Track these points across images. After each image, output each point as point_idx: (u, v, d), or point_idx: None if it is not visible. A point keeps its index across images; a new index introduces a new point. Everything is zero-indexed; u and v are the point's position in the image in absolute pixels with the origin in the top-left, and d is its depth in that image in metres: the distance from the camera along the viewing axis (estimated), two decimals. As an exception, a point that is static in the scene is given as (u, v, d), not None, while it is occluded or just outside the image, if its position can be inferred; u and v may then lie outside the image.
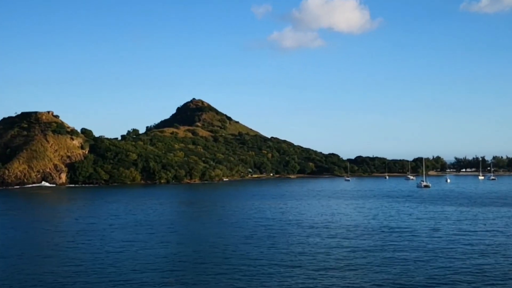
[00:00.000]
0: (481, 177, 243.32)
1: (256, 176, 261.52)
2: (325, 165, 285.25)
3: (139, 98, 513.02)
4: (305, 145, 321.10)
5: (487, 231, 61.89)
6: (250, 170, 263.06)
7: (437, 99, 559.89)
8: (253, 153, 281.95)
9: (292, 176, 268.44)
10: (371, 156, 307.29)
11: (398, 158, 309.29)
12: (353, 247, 51.45)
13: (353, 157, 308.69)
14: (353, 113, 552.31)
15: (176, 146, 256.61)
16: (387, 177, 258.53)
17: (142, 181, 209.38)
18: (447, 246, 51.26)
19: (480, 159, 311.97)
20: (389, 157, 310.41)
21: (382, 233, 61.07)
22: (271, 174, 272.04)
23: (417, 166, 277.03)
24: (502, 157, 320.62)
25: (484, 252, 47.66)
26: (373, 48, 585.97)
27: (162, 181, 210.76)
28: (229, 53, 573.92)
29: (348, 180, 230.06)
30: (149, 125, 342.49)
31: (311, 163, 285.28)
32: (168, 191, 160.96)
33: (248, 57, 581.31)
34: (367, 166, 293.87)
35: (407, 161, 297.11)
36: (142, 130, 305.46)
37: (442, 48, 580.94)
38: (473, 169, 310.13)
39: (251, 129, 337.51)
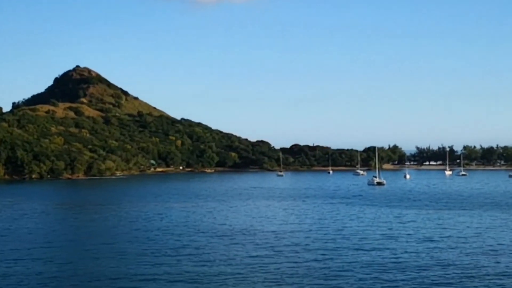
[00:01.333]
0: (448, 172, 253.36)
1: (161, 170, 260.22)
2: (251, 156, 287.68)
3: (1, 65, 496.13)
4: (226, 129, 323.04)
5: (458, 241, 64.63)
6: (153, 162, 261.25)
7: (394, 75, 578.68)
8: (157, 139, 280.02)
9: (209, 170, 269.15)
10: (311, 144, 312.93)
11: (346, 147, 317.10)
12: (282, 263, 52.27)
13: (288, 146, 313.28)
14: (288, 88, 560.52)
15: (53, 129, 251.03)
16: (330, 171, 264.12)
17: (7, 176, 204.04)
18: (399, 261, 53.09)
19: (448, 149, 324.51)
20: (334, 146, 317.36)
21: (318, 247, 62.36)
22: (181, 168, 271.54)
23: (369, 157, 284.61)
24: (474, 147, 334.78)
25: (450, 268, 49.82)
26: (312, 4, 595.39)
27: (33, 176, 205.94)
28: (125, 4, 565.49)
29: (281, 176, 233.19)
30: (16, 101, 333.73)
31: (233, 153, 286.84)
32: (42, 189, 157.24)
33: (151, 11, 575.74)
34: (305, 158, 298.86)
35: (357, 151, 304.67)
36: (6, 107, 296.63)
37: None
38: (439, 162, 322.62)
39: (154, 108, 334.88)
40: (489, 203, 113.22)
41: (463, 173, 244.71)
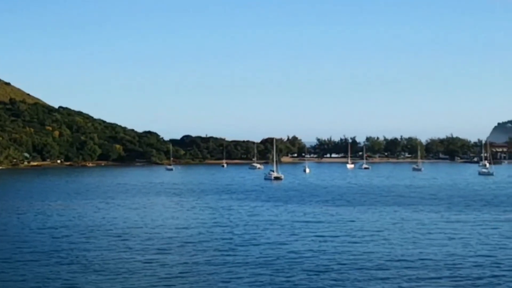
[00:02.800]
0: (350, 165, 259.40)
1: (36, 163, 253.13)
2: (138, 148, 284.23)
3: None
4: (110, 119, 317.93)
5: (352, 237, 65.79)
6: (26, 155, 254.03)
7: (293, 63, 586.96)
8: (32, 130, 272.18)
9: (90, 164, 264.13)
10: (204, 135, 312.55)
11: (242, 138, 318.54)
12: (171, 264, 51.57)
13: (178, 137, 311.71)
14: (177, 74, 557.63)
15: None
16: (225, 165, 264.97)
17: None
18: (296, 260, 53.46)
19: (350, 141, 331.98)
20: (230, 137, 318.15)
21: (210, 246, 62.04)
22: (59, 161, 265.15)
23: (267, 149, 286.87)
24: (378, 138, 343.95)
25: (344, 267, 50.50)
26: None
27: None
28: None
29: (171, 170, 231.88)
30: None
31: (118, 146, 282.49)
32: None
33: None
34: (198, 150, 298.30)
35: (253, 143, 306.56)
36: None
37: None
38: (341, 155, 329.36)
39: (29, 95, 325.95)
40: (392, 198, 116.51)
41: (366, 166, 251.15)
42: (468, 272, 48.84)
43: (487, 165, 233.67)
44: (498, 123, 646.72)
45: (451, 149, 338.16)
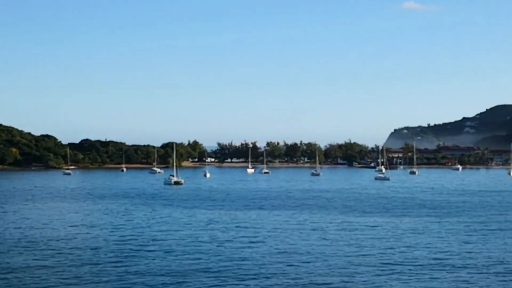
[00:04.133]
0: (250, 170, 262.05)
1: None
2: (35, 152, 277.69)
3: None
4: (6, 122, 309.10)
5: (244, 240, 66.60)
6: None
7: (193, 67, 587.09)
8: None
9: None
10: (103, 139, 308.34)
11: (142, 143, 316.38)
12: (62, 272, 50.91)
13: (77, 141, 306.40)
14: (77, 74, 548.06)
15: None
16: (124, 169, 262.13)
17: None
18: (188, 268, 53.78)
19: (251, 145, 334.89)
20: (130, 141, 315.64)
21: (106, 252, 61.61)
22: None
23: (168, 154, 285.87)
24: (278, 143, 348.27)
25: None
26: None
27: None
28: None
29: (69, 174, 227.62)
30: None
31: (14, 149, 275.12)
32: None
33: None
34: (97, 154, 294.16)
35: (154, 147, 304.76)
36: None
37: None
38: (242, 159, 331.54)
39: None
40: (290, 202, 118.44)
41: (266, 170, 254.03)
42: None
43: (383, 170, 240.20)
44: (395, 129, 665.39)
45: (349, 155, 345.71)
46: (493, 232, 75.06)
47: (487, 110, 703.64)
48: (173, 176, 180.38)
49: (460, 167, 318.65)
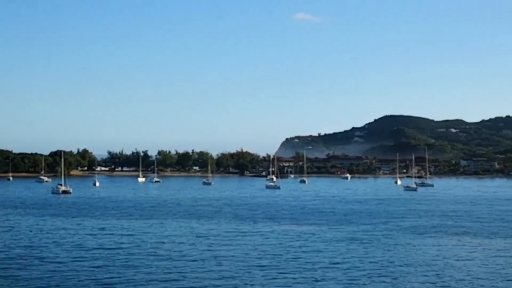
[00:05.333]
0: (141, 179, 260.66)
1: None
2: None
3: None
4: None
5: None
6: None
7: (85, 75, 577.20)
8: None
9: None
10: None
11: (30, 151, 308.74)
12: None
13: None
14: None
15: None
16: (10, 178, 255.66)
17: None
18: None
19: (142, 154, 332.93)
20: (17, 149, 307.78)
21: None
22: None
23: (56, 162, 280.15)
24: (169, 152, 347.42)
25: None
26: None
27: None
28: None
29: None
30: None
31: None
32: None
33: None
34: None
35: (42, 155, 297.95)
36: None
37: None
38: (133, 168, 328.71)
39: None
40: (182, 210, 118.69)
41: (157, 179, 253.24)
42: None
43: (274, 179, 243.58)
44: (286, 139, 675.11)
45: (241, 163, 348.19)
46: (377, 239, 77.59)
47: (375, 120, 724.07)
48: (61, 185, 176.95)
49: (349, 176, 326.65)
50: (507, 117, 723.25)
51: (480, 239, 78.72)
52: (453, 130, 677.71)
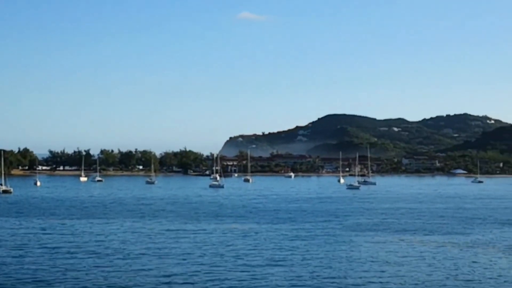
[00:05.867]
0: (83, 178, 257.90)
1: None
2: None
3: None
4: None
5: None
6: None
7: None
8: None
9: None
10: None
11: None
12: None
13: None
14: None
15: None
16: None
17: None
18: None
19: (84, 153, 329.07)
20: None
21: None
22: None
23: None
24: (112, 151, 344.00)
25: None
26: None
27: None
28: None
29: None
30: None
31: None
32: None
33: None
34: None
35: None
36: None
37: None
38: (75, 167, 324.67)
39: None
40: (124, 210, 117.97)
41: (99, 178, 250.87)
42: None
43: (218, 178, 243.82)
44: (230, 137, 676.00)
45: (184, 162, 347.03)
46: (319, 237, 78.45)
47: (318, 119, 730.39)
48: (1, 184, 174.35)
49: (292, 174, 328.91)
50: (448, 116, 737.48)
51: (420, 236, 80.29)
52: (395, 129, 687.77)
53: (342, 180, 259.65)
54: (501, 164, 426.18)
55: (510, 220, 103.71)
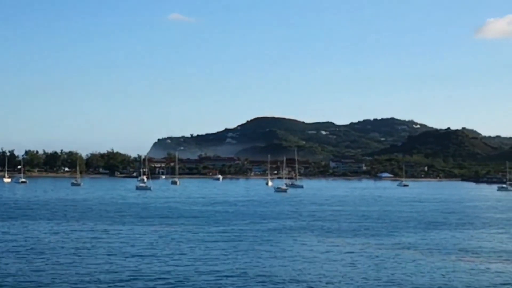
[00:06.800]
0: (7, 179, 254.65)
1: None
2: None
3: None
4: None
5: None
6: None
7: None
8: None
9: None
10: None
11: None
12: None
13: None
14: None
15: None
16: None
17: None
18: None
19: (8, 154, 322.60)
20: None
21: None
22: None
23: None
24: (37, 151, 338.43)
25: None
26: None
27: None
28: None
29: None
30: None
31: None
32: None
33: None
34: None
35: None
36: None
37: None
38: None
39: None
40: (47, 212, 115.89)
41: (23, 180, 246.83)
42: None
43: (145, 179, 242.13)
44: (158, 139, 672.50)
45: (111, 164, 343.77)
46: (245, 240, 78.43)
47: (247, 122, 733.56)
48: None
49: (220, 177, 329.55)
50: (375, 120, 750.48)
51: (345, 238, 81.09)
52: (323, 132, 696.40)
53: (270, 183, 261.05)
54: (426, 168, 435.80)
55: (433, 222, 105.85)
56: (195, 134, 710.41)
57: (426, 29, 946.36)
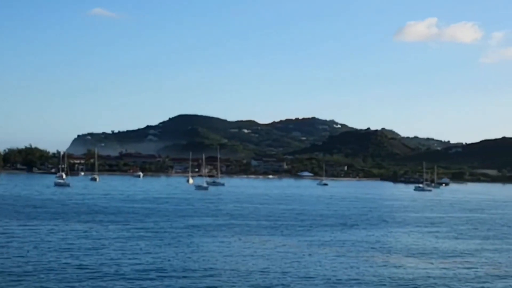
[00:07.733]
0: None
1: None
2: None
3: None
4: None
5: None
6: None
7: None
8: None
9: None
10: None
11: None
12: None
13: None
14: None
15: None
16: None
17: None
18: None
19: None
20: None
21: None
22: None
23: None
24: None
25: None
26: None
27: None
28: None
29: None
30: None
31: None
32: None
33: None
34: None
35: None
36: None
37: None
38: None
39: None
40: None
41: None
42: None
43: (64, 176, 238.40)
44: (78, 135, 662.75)
45: (29, 160, 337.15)
46: (162, 237, 78.20)
47: (169, 119, 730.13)
48: None
49: (141, 174, 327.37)
50: (297, 119, 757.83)
51: (263, 236, 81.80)
52: (246, 131, 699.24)
53: (191, 181, 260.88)
54: (345, 167, 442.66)
55: (350, 221, 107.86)
56: (116, 131, 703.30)
57: (347, 31, 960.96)
